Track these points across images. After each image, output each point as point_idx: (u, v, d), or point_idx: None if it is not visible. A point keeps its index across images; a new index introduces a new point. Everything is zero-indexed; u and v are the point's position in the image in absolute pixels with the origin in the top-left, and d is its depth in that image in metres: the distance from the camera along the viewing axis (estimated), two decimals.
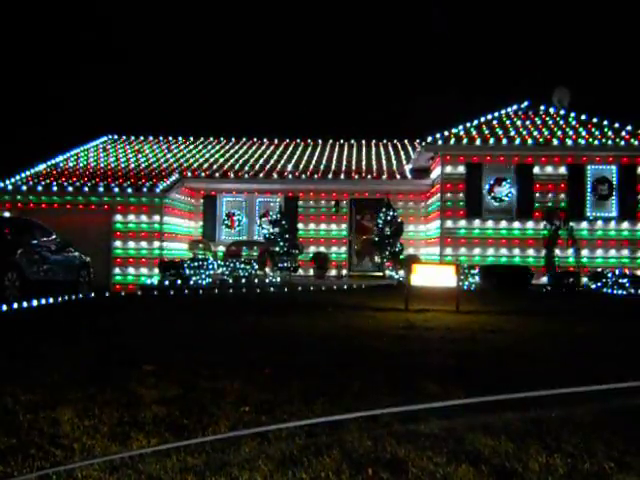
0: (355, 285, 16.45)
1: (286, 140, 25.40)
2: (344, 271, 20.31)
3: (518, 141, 17.61)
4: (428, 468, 3.18)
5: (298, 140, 25.41)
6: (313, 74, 52.55)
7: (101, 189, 18.70)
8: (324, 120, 40.44)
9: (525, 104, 20.55)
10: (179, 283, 16.53)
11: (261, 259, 18.48)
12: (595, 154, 17.59)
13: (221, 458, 3.29)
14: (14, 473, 3.08)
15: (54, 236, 13.48)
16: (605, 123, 18.81)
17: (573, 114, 19.65)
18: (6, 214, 18.51)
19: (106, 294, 13.64)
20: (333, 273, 19.88)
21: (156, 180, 19.54)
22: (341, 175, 20.40)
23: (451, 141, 17.71)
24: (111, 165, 22.07)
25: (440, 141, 17.73)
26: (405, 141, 25.00)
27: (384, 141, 25.23)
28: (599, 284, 15.68)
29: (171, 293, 14.33)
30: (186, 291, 14.73)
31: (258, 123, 40.79)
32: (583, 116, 19.42)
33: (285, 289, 15.47)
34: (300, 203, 20.93)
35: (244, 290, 15.18)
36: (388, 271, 18.68)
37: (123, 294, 14.57)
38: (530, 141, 17.60)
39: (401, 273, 16.83)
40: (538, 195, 17.46)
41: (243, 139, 25.74)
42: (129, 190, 18.61)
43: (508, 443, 3.53)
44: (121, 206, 18.71)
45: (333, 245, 20.69)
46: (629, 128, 18.25)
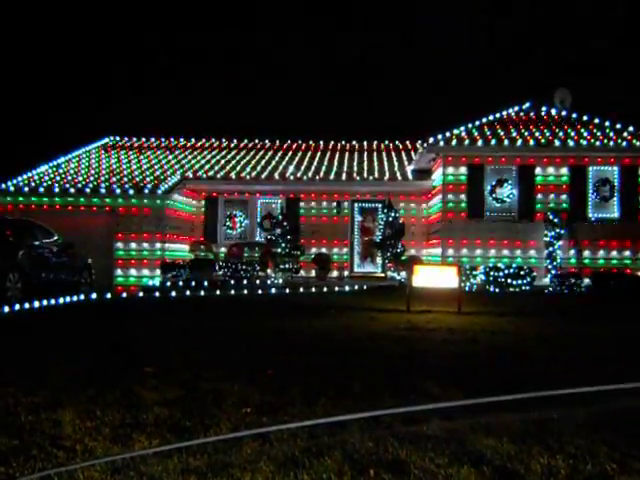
0: (357, 286, 16.44)
1: (287, 141, 25.38)
2: (346, 272, 20.30)
3: (520, 142, 17.59)
4: (430, 469, 3.18)
5: (299, 141, 25.39)
6: (315, 75, 52.60)
7: (103, 190, 18.71)
8: (326, 121, 40.45)
9: (527, 105, 20.52)
10: (181, 284, 16.54)
11: (262, 260, 18.47)
12: (597, 155, 17.56)
13: (222, 459, 3.29)
14: (16, 474, 3.08)
15: (56, 237, 13.49)
16: (607, 124, 18.79)
17: (575, 115, 19.62)
18: (7, 215, 18.52)
19: (108, 295, 13.64)
20: (335, 274, 19.87)
21: (158, 181, 19.55)
22: (342, 176, 20.39)
23: (453, 142, 17.70)
24: (113, 166, 22.08)
25: (442, 142, 17.71)
26: (407, 142, 24.96)
27: (386, 142, 25.18)
28: (601, 285, 15.65)
29: (172, 294, 14.34)
30: (187, 292, 14.73)
31: (260, 124, 40.83)
32: (585, 117, 19.40)
33: (287, 290, 15.47)
34: (301, 204, 20.93)
35: (245, 291, 15.18)
36: (390, 272, 18.66)
37: (125, 295, 14.57)
38: (532, 142, 17.58)
39: (403, 274, 16.82)
40: (540, 196, 17.45)
41: (245, 140, 25.72)
42: (131, 191, 18.62)
43: (510, 444, 3.53)
44: (123, 207, 18.72)
45: (335, 246, 20.69)
46: (631, 129, 18.22)
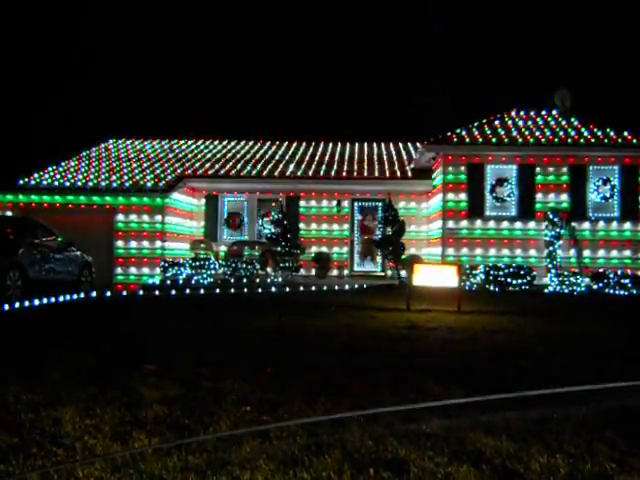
0: (357, 285, 16.44)
1: (288, 140, 25.38)
2: (346, 271, 20.30)
3: (520, 141, 17.59)
4: (429, 468, 3.18)
5: (300, 140, 25.39)
6: (315, 74, 52.56)
7: (103, 189, 18.71)
8: (326, 120, 40.41)
9: (527, 104, 20.53)
10: (181, 283, 16.54)
11: (263, 259, 18.47)
12: (597, 155, 17.56)
13: (222, 457, 3.29)
14: (16, 472, 3.09)
15: (56, 236, 13.50)
16: (607, 123, 18.77)
17: (575, 115, 19.61)
18: (8, 213, 18.54)
19: (108, 293, 13.65)
20: (335, 273, 19.87)
21: (158, 180, 19.56)
22: (343, 175, 20.39)
23: (453, 141, 17.69)
24: (113, 165, 22.08)
25: (442, 141, 17.71)
26: (407, 141, 24.96)
27: (386, 141, 25.20)
28: (601, 284, 15.66)
29: (173, 293, 14.34)
30: (188, 291, 14.73)
31: (260, 123, 40.79)
32: (585, 117, 19.38)
33: (287, 289, 15.47)
34: (302, 203, 20.93)
35: (246, 290, 15.18)
36: (390, 271, 18.66)
37: (125, 294, 14.57)
38: (532, 141, 17.58)
39: (403, 273, 16.82)
40: (540, 195, 17.45)
41: (245, 139, 25.72)
42: (131, 190, 18.62)
43: (509, 443, 3.53)
44: (123, 206, 18.73)
45: (335, 245, 20.69)
46: (631, 129, 18.22)
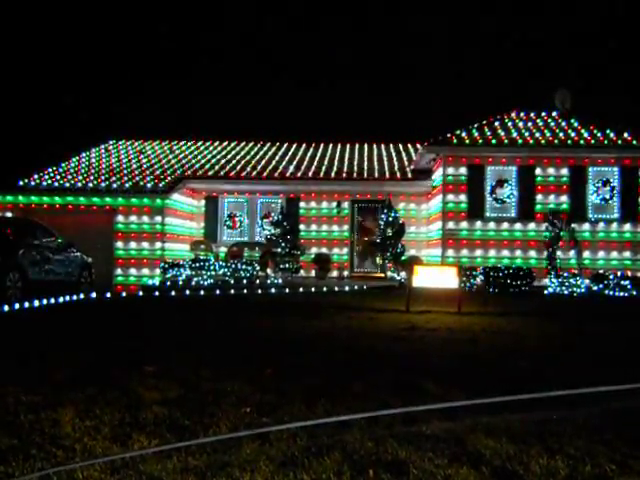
0: (356, 286, 16.44)
1: (287, 141, 25.38)
2: (345, 272, 20.29)
3: (520, 143, 17.60)
4: (429, 469, 3.17)
5: (300, 141, 25.38)
6: (314, 75, 52.61)
7: (103, 190, 18.71)
8: (325, 121, 40.46)
9: (527, 106, 20.53)
10: (181, 284, 16.54)
11: (263, 260, 18.47)
12: (597, 156, 17.57)
13: (222, 459, 3.29)
14: (15, 473, 3.08)
15: (56, 237, 13.50)
16: (607, 125, 18.77)
17: (575, 116, 19.61)
18: (8, 214, 18.53)
19: (107, 295, 13.64)
20: (334, 274, 19.87)
21: (158, 181, 19.56)
22: (342, 176, 20.39)
23: (453, 142, 17.70)
24: (113, 166, 22.08)
25: (442, 142, 17.72)
26: (407, 142, 24.96)
27: (386, 142, 25.19)
28: (600, 286, 15.64)
29: (172, 294, 14.33)
30: (187, 292, 14.72)
31: (259, 124, 40.84)
32: (585, 118, 19.38)
33: (287, 290, 15.46)
34: (302, 204, 20.93)
35: (246, 291, 15.18)
36: (390, 272, 18.66)
37: (124, 295, 14.57)
38: (532, 142, 17.59)
39: (403, 274, 16.82)
40: (540, 197, 17.45)
41: (244, 140, 25.72)
42: (131, 191, 18.62)
43: (509, 445, 3.53)
44: (123, 207, 18.73)
45: (335, 246, 20.69)
46: (631, 130, 18.21)
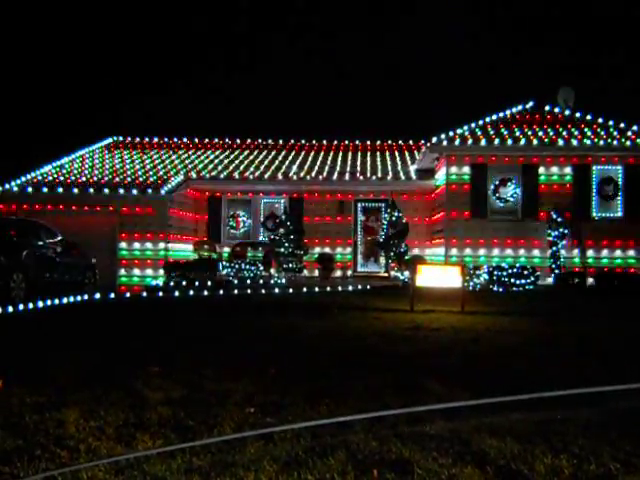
0: (360, 286, 16.43)
1: (291, 141, 25.36)
2: (349, 272, 20.28)
3: (523, 141, 17.54)
4: (434, 469, 3.17)
5: (303, 141, 25.35)
6: (318, 75, 52.62)
7: (106, 190, 18.73)
8: (329, 121, 40.44)
9: (530, 104, 20.43)
10: (184, 284, 16.55)
11: (266, 260, 18.47)
12: (600, 154, 17.51)
13: (226, 459, 3.29)
14: (20, 474, 3.09)
15: (60, 237, 13.52)
16: (610, 123, 18.70)
17: (578, 114, 19.53)
18: (11, 215, 18.55)
19: (111, 295, 13.66)
20: (338, 274, 19.86)
21: (161, 181, 19.57)
22: (346, 176, 20.38)
23: (456, 142, 17.66)
24: (116, 166, 22.10)
25: (445, 142, 17.67)
26: (410, 142, 24.92)
27: (389, 142, 25.15)
28: (605, 284, 15.59)
29: (176, 294, 14.35)
30: (191, 292, 14.74)
31: (263, 124, 40.88)
32: (588, 116, 19.31)
33: (290, 290, 15.46)
34: (305, 204, 20.91)
35: (249, 291, 15.18)
36: (393, 272, 18.64)
37: (128, 295, 14.59)
38: (535, 141, 17.54)
39: (406, 274, 16.80)
40: (543, 195, 17.40)
41: (248, 140, 25.69)
42: (134, 191, 18.63)
43: (514, 444, 3.52)
44: (126, 207, 18.73)
45: (338, 246, 20.67)
46: (635, 128, 18.13)
